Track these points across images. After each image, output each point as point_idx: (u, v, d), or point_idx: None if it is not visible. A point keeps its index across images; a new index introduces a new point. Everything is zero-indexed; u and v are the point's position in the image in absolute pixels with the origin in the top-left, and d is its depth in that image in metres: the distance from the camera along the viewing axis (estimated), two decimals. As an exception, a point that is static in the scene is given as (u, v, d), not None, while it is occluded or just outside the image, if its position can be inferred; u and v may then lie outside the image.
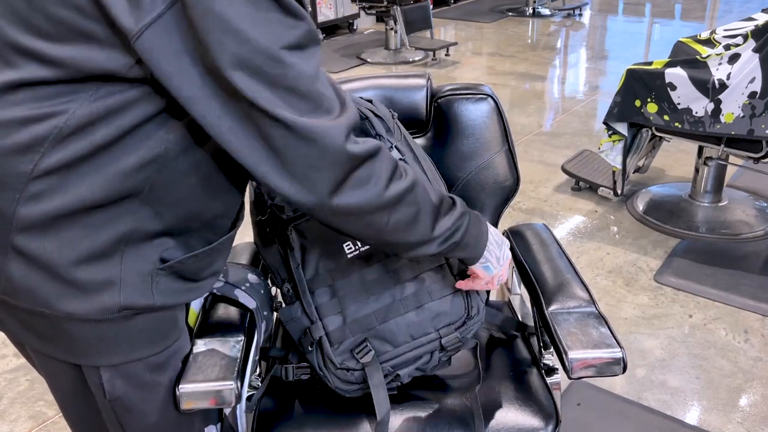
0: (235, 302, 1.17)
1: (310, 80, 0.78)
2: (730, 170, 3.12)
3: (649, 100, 2.58)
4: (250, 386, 1.21)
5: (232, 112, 0.78)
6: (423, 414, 1.18)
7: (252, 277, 1.23)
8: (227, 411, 1.20)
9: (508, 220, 2.98)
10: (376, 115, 1.23)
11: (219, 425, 1.16)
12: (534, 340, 1.34)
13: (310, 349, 1.17)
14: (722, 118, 2.44)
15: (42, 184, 0.80)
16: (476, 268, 1.11)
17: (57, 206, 0.81)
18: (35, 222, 0.81)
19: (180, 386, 0.99)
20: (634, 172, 3.05)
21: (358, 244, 1.19)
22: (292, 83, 0.77)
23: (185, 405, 1.00)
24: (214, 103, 0.77)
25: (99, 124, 0.79)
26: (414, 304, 1.17)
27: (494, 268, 1.11)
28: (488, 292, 1.53)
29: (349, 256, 1.19)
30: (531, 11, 7.30)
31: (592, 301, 1.20)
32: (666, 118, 2.57)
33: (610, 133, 2.78)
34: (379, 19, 6.28)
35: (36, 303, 0.85)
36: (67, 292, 0.84)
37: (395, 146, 1.20)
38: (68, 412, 1.04)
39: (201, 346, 1.08)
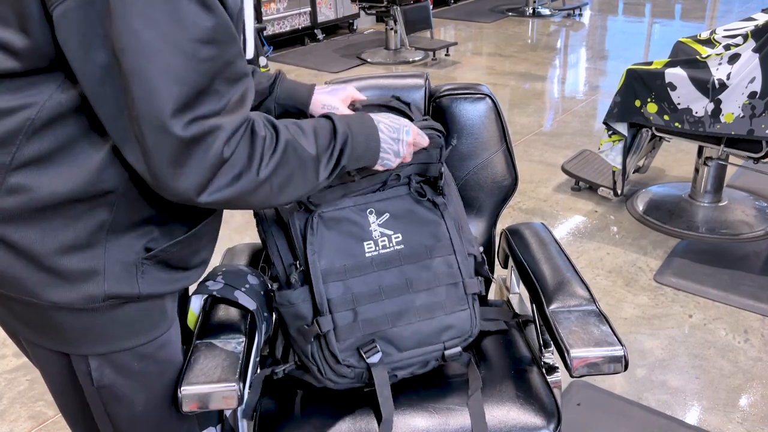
0: (235, 304, 1.17)
1: (211, 77, 0.78)
2: (730, 170, 3.12)
3: (649, 100, 2.58)
4: (251, 388, 1.21)
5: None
6: (424, 415, 1.18)
7: (252, 279, 1.23)
8: (228, 413, 1.20)
9: (507, 219, 2.98)
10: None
11: (219, 427, 1.16)
12: (534, 339, 1.34)
13: (312, 340, 1.17)
14: (722, 118, 2.44)
15: (20, 176, 0.81)
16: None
17: (37, 197, 0.82)
18: (16, 213, 0.83)
19: (182, 388, 1.00)
20: (634, 172, 3.05)
21: (379, 244, 1.20)
22: (192, 77, 0.77)
23: (187, 407, 1.00)
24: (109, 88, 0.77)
25: (70, 116, 0.81)
26: (427, 314, 1.19)
27: (393, 162, 1.11)
28: (487, 289, 1.53)
29: (367, 255, 1.19)
30: (531, 11, 7.30)
31: (593, 300, 1.20)
32: (666, 118, 2.57)
33: (610, 133, 2.78)
34: (379, 19, 6.28)
35: (23, 292, 0.87)
36: (51, 281, 0.86)
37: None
38: (61, 402, 1.05)
39: (202, 347, 1.08)
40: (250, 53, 1.05)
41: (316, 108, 1.24)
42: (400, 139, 1.10)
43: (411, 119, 1.24)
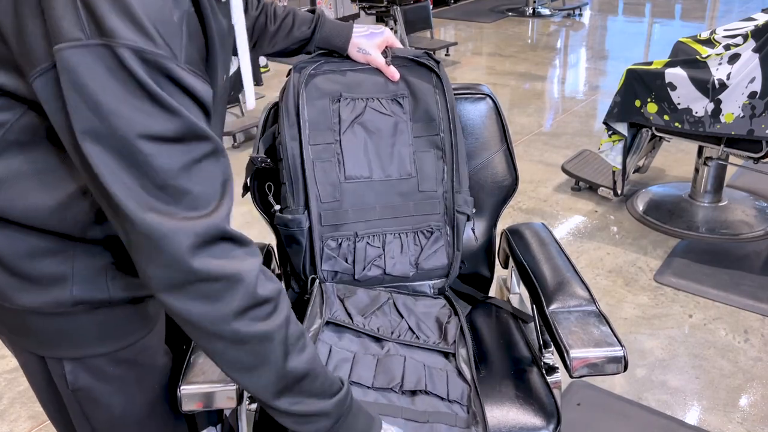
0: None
1: (169, 175, 0.72)
2: (730, 170, 3.12)
3: (649, 100, 2.58)
4: None
5: (89, 179, 0.74)
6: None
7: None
8: (228, 412, 1.20)
9: (507, 219, 2.98)
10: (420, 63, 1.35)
11: (219, 426, 1.16)
12: (534, 339, 1.34)
13: (302, 256, 1.33)
14: (722, 118, 2.44)
15: None
16: None
17: (2, 213, 0.81)
18: None
19: (181, 387, 1.00)
20: (634, 172, 3.05)
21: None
22: (146, 171, 0.71)
23: (187, 406, 1.00)
24: (78, 164, 0.74)
25: (41, 142, 0.79)
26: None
27: None
28: (487, 289, 1.53)
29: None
30: (531, 11, 7.30)
31: (593, 300, 1.20)
32: (666, 118, 2.57)
33: (610, 133, 2.78)
34: (379, 19, 6.28)
35: None
36: (20, 285, 0.85)
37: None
38: (42, 402, 1.04)
39: (201, 346, 1.08)
40: (251, 104, 1.03)
41: (352, 50, 1.31)
42: None
43: (440, 80, 1.34)
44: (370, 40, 1.31)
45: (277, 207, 1.32)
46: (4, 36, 0.72)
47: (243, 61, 0.97)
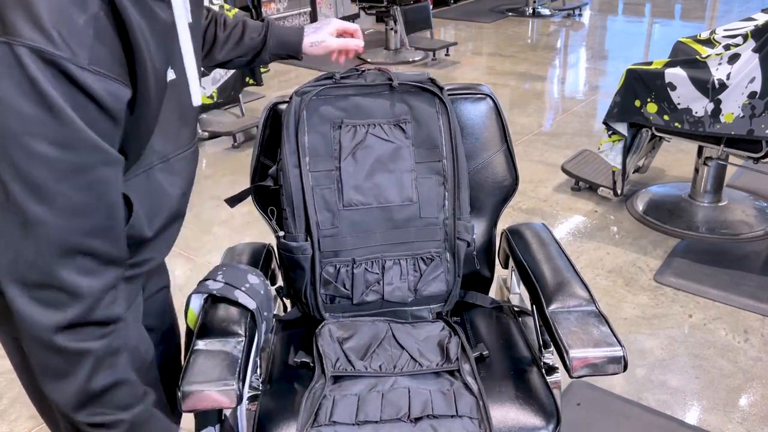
0: (235, 303, 1.17)
1: (50, 177, 0.73)
2: (730, 170, 3.12)
3: (649, 100, 2.58)
4: (251, 387, 1.21)
5: None
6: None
7: (252, 278, 1.23)
8: (228, 412, 1.20)
9: (507, 219, 2.98)
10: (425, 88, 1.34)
11: (218, 426, 1.16)
12: (534, 339, 1.34)
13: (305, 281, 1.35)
14: (722, 118, 2.44)
15: None
16: None
17: None
18: None
19: (181, 387, 1.00)
20: (634, 172, 3.05)
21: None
22: (26, 170, 0.72)
23: (186, 406, 1.00)
24: None
25: None
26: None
27: None
28: (487, 289, 1.53)
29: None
30: (531, 11, 7.30)
31: (593, 300, 1.20)
32: (666, 118, 2.57)
33: (610, 133, 2.78)
34: (379, 19, 6.28)
35: None
36: None
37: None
38: (26, 385, 1.05)
39: (201, 346, 1.08)
40: (196, 99, 0.99)
41: (307, 49, 1.34)
42: None
43: (445, 105, 1.33)
44: (319, 32, 1.33)
45: (281, 233, 1.33)
46: None
47: (187, 58, 0.95)
